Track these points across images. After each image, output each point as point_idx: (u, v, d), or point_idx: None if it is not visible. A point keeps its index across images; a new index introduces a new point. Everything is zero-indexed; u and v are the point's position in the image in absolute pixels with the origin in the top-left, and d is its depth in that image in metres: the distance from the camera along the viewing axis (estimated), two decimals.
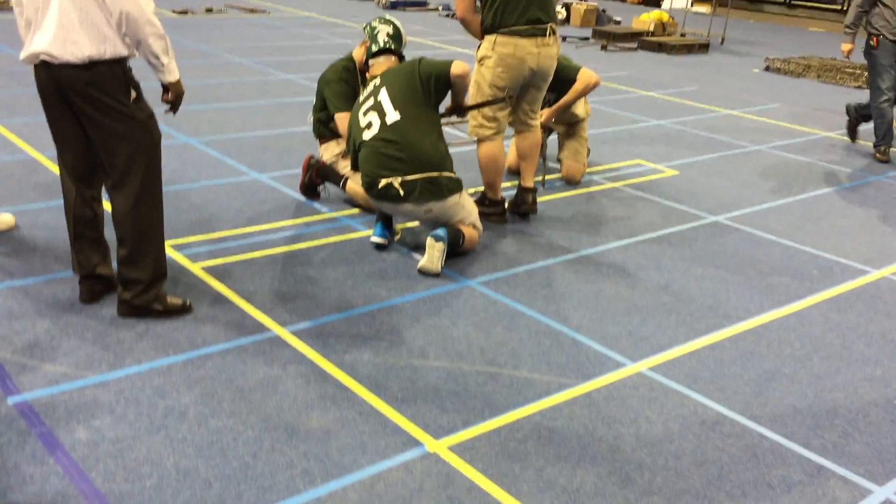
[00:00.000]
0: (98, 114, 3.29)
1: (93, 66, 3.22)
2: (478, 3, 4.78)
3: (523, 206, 5.01)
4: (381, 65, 4.64)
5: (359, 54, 5.02)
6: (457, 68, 4.30)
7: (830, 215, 5.57)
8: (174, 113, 3.57)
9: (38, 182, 5.08)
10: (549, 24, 4.72)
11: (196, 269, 4.05)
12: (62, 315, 3.53)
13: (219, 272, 4.03)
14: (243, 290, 3.87)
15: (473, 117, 4.84)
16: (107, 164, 3.40)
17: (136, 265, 3.47)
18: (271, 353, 3.35)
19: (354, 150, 4.43)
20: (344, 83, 4.98)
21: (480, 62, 4.77)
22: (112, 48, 3.23)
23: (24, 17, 3.28)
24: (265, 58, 9.71)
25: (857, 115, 7.44)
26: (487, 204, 4.98)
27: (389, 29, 4.86)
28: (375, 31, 4.83)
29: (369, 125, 4.31)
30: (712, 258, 4.68)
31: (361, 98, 4.47)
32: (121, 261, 3.49)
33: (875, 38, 6.92)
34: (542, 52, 4.72)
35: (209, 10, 13.26)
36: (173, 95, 3.48)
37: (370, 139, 4.28)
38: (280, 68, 9.14)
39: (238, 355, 3.32)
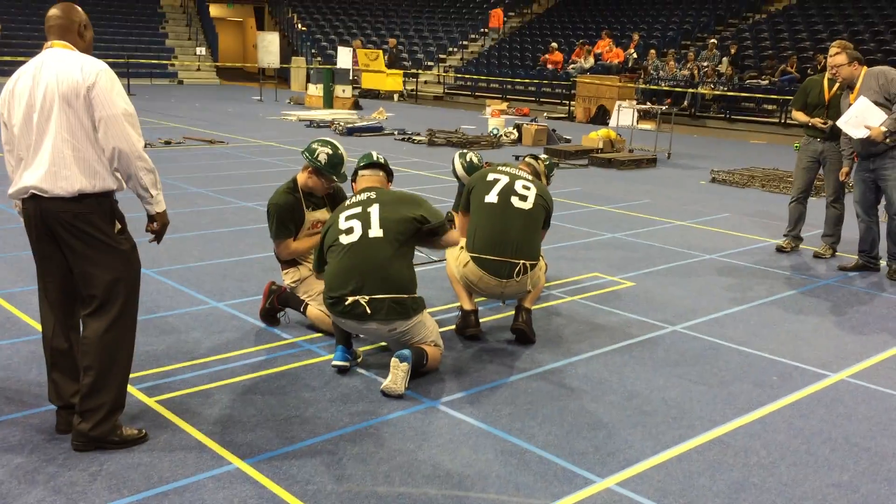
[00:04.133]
0: (82, 245, 3.37)
1: (82, 198, 3.34)
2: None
3: (513, 324, 4.98)
4: (368, 178, 4.64)
5: (302, 178, 5.05)
6: (451, 237, 4.48)
7: (785, 321, 5.67)
8: (158, 242, 3.70)
9: None
10: (520, 263, 4.88)
11: (152, 402, 3.96)
12: (12, 458, 3.40)
13: (176, 405, 3.95)
14: (201, 422, 3.79)
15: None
16: (86, 293, 3.45)
17: (98, 394, 3.44)
18: (231, 487, 3.25)
19: (323, 250, 4.43)
20: (285, 210, 4.95)
21: (460, 250, 5.03)
22: (102, 182, 3.37)
23: (15, 156, 3.42)
24: (223, 187, 9.83)
25: None
26: (461, 316, 5.03)
27: (328, 149, 4.93)
28: (315, 154, 4.91)
29: (350, 230, 4.32)
30: (673, 368, 4.71)
31: (348, 203, 4.49)
32: (84, 390, 3.43)
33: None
34: (506, 290, 4.99)
35: (167, 143, 13.47)
36: (159, 225, 3.61)
37: (346, 244, 4.28)
38: (238, 197, 9.25)
39: (196, 492, 3.21)
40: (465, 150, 6.11)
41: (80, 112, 3.29)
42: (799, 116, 7.55)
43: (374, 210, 4.36)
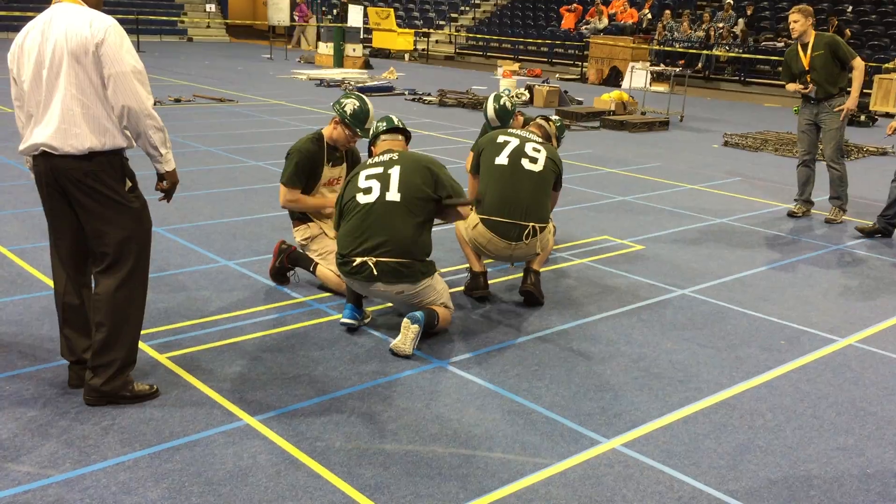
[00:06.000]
0: (93, 202, 3.37)
1: (92, 156, 3.33)
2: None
3: (521, 286, 5.00)
4: (389, 142, 4.61)
5: (328, 130, 5.06)
6: (464, 211, 4.45)
7: (794, 285, 5.66)
8: (168, 201, 3.68)
9: (2, 276, 5.03)
10: (529, 226, 4.85)
11: (163, 359, 4.00)
12: (26, 412, 3.45)
13: (187, 362, 3.99)
14: (212, 379, 3.82)
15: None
16: (97, 250, 3.47)
17: (110, 350, 3.47)
18: (241, 443, 3.29)
19: (341, 208, 4.43)
20: (305, 157, 4.94)
21: (471, 210, 5.00)
22: (112, 140, 3.36)
23: (25, 112, 3.41)
24: (232, 146, 9.81)
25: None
26: (470, 277, 5.05)
27: (356, 101, 4.94)
28: (343, 105, 4.92)
29: (368, 190, 4.30)
30: (681, 331, 4.72)
31: (370, 162, 4.47)
32: (96, 346, 3.47)
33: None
34: (515, 253, 4.97)
35: (177, 101, 13.43)
36: (169, 184, 3.60)
37: (363, 204, 4.28)
38: (247, 156, 9.23)
39: (207, 447, 3.25)
40: (500, 94, 5.95)
41: (89, 69, 3.28)
42: (790, 87, 7.67)
43: (395, 172, 4.32)
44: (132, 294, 3.52)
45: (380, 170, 4.37)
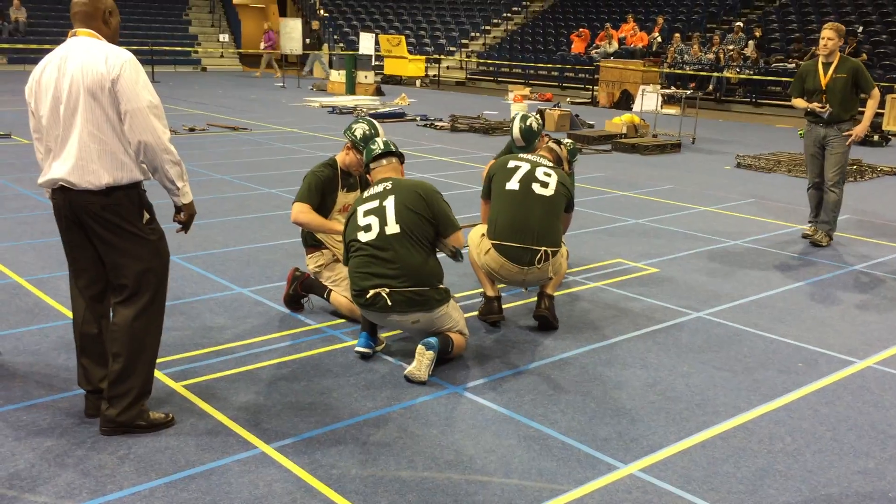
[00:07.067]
0: (111, 235, 3.41)
1: (110, 191, 3.36)
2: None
3: (535, 311, 5.00)
4: (384, 169, 4.57)
5: (341, 155, 5.11)
6: (456, 241, 4.38)
7: (811, 307, 5.62)
8: (185, 232, 3.71)
9: (20, 306, 5.06)
10: (541, 250, 4.85)
11: (179, 387, 4.00)
12: (42, 441, 3.46)
13: (202, 390, 3.99)
14: (227, 407, 3.83)
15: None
16: (116, 282, 3.49)
17: (126, 380, 3.48)
18: (256, 471, 3.29)
19: (347, 245, 4.44)
20: (319, 179, 4.97)
21: (482, 237, 5.05)
22: (129, 174, 3.39)
23: (45, 145, 3.45)
24: (246, 173, 9.88)
25: None
26: (484, 302, 5.06)
27: (366, 126, 5.00)
28: (353, 129, 4.99)
29: (368, 227, 4.31)
30: (698, 354, 4.69)
31: (365, 195, 4.47)
32: (113, 376, 3.48)
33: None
34: (528, 278, 4.96)
35: (192, 130, 13.56)
36: (186, 216, 3.62)
37: (365, 243, 4.30)
38: (261, 183, 9.29)
39: (222, 475, 3.25)
40: (527, 114, 5.83)
41: (105, 105, 3.30)
42: (798, 103, 7.54)
43: (390, 203, 4.31)
44: (149, 325, 3.53)
45: (375, 203, 4.36)
